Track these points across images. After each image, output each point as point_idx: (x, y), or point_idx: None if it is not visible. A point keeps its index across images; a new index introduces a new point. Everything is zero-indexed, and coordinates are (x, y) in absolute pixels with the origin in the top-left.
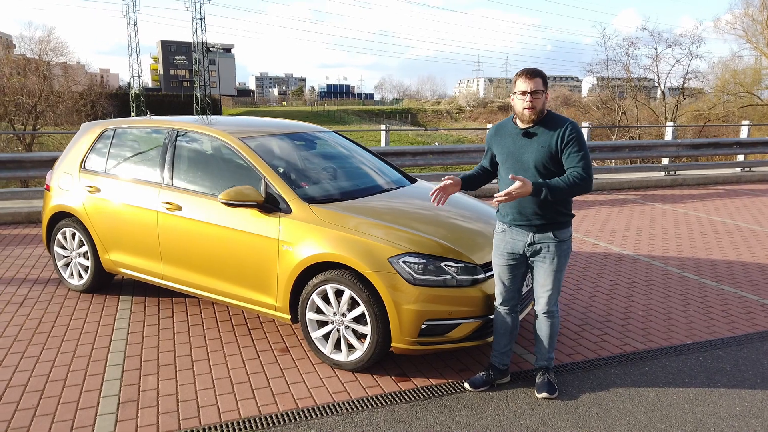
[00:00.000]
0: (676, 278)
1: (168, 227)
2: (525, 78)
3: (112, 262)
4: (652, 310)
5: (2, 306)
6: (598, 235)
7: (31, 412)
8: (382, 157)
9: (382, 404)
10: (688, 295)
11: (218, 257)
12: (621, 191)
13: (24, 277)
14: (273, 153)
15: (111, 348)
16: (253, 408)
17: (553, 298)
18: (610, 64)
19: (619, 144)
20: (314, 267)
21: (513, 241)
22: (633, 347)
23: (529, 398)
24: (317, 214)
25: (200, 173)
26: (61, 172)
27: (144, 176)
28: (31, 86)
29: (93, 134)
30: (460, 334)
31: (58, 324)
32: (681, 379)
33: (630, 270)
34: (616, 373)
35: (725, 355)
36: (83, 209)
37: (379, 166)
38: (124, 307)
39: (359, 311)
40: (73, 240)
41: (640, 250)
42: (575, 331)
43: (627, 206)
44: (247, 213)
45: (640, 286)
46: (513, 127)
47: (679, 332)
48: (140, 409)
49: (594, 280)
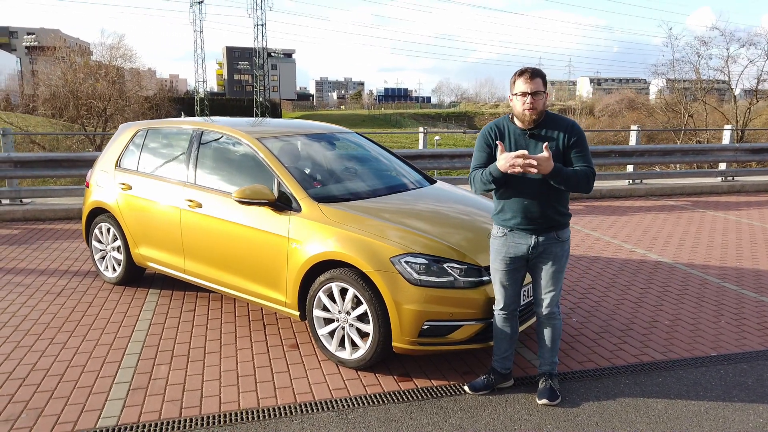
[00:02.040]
0: (714, 288)
1: (190, 223)
2: (525, 79)
3: (141, 256)
4: (680, 320)
5: (42, 295)
6: (638, 242)
7: (48, 395)
8: (405, 159)
9: (379, 403)
10: (723, 305)
11: (234, 253)
12: (672, 197)
13: (66, 269)
14: (289, 153)
15: (132, 338)
16: (253, 400)
17: (555, 299)
18: (678, 65)
19: (669, 148)
20: (321, 265)
21: (515, 245)
22: (651, 357)
23: (529, 404)
24: (325, 213)
25: (220, 172)
26: (99, 170)
27: (170, 174)
28: (101, 90)
29: (128, 134)
30: (462, 336)
31: (89, 313)
32: (695, 392)
33: (664, 278)
34: (626, 382)
35: (750, 369)
36: (116, 205)
37: (398, 167)
38: (152, 299)
39: (362, 310)
40: (108, 234)
41: (679, 258)
42: (592, 339)
43: (675, 213)
44: (260, 211)
45: (671, 295)
46: (513, 127)
47: (705, 344)
48: (147, 396)
49: (623, 288)
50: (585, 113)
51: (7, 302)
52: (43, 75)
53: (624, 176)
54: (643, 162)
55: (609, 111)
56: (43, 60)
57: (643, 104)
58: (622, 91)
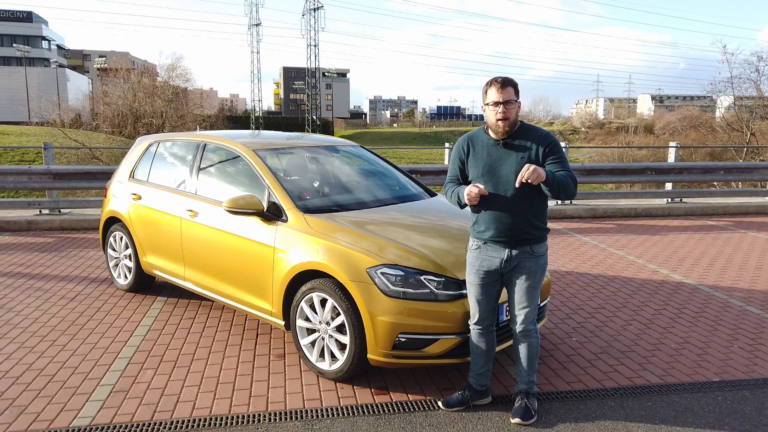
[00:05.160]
0: (735, 311)
1: (189, 232)
2: (497, 88)
3: (149, 264)
4: (689, 343)
5: (57, 299)
6: (663, 262)
7: (35, 393)
8: (408, 173)
9: (348, 415)
10: (741, 330)
11: (226, 262)
12: (713, 217)
13: (86, 275)
14: (284, 165)
15: (128, 342)
16: (225, 407)
17: (530, 315)
18: (737, 82)
19: (711, 166)
20: (304, 275)
21: (489, 258)
22: (645, 380)
23: (501, 422)
24: (310, 224)
25: (218, 182)
26: (116, 180)
27: (174, 185)
28: (158, 108)
29: (142, 147)
30: (438, 350)
31: (95, 318)
32: (683, 418)
33: (682, 300)
34: (611, 405)
35: (751, 397)
36: (128, 215)
37: (398, 181)
38: (156, 307)
39: (341, 320)
40: (120, 243)
41: (705, 279)
42: (588, 359)
43: (712, 233)
44: (251, 221)
45: (686, 318)
46: (487, 138)
47: (710, 368)
48: (126, 399)
49: (635, 309)
50: (642, 131)
51: (23, 305)
52: (107, 94)
53: (662, 194)
54: (682, 180)
55: (670, 129)
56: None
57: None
58: (685, 108)
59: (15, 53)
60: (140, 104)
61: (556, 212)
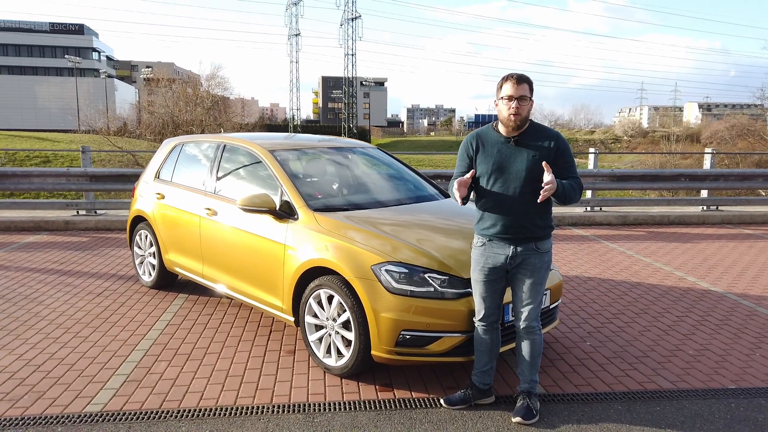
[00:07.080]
0: (762, 319)
1: (207, 230)
2: (512, 83)
3: (171, 262)
4: (708, 350)
5: (84, 294)
6: (692, 269)
7: (54, 380)
8: (424, 175)
9: (349, 409)
10: (766, 338)
11: (240, 259)
12: (751, 226)
13: (114, 273)
14: (299, 165)
15: (146, 336)
16: (231, 399)
17: (534, 312)
18: None
19: (749, 172)
20: (312, 272)
21: (494, 255)
22: (657, 385)
23: (502, 421)
24: (319, 222)
25: (235, 181)
26: (143, 181)
27: (195, 184)
28: (197, 116)
29: (168, 148)
30: (441, 347)
31: (118, 312)
32: (691, 424)
33: (707, 307)
34: (618, 409)
35: (767, 405)
36: (152, 213)
37: (413, 181)
38: (177, 303)
39: (346, 317)
40: (146, 241)
41: (734, 288)
42: (601, 363)
43: (747, 242)
44: (264, 218)
45: (709, 325)
46: (497, 135)
47: (727, 375)
48: (139, 388)
49: (656, 315)
50: (685, 139)
51: (52, 299)
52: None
53: (697, 202)
54: (718, 187)
55: (717, 138)
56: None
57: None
58: (734, 117)
59: (67, 64)
60: (181, 112)
61: (585, 219)
